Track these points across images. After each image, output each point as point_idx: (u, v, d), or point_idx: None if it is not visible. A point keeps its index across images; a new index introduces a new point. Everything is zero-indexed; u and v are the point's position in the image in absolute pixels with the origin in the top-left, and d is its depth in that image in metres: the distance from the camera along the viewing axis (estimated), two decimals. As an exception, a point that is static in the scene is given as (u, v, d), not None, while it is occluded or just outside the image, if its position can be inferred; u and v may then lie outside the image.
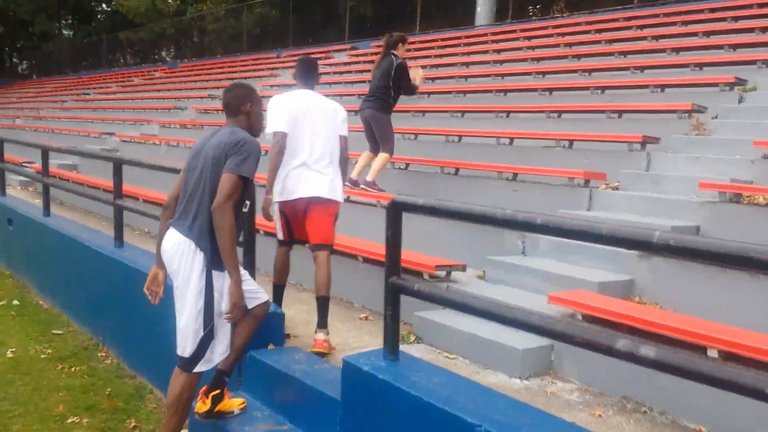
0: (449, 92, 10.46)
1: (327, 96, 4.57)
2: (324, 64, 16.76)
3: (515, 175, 6.36)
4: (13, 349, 5.32)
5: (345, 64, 15.99)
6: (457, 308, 2.88)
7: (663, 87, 7.73)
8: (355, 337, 4.66)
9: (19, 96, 29.19)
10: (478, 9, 18.33)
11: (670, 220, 5.07)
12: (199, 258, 3.22)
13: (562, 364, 3.90)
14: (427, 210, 2.92)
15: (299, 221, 4.35)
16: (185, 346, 3.29)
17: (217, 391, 3.44)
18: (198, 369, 3.33)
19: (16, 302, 6.52)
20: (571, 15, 14.52)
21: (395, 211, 2.95)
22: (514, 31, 14.05)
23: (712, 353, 3.38)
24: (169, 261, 3.30)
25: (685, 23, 10.42)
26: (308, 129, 4.22)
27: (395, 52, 6.82)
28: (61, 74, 34.60)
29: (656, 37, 10.07)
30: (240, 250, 3.56)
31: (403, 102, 7.81)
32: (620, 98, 7.93)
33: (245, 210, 3.53)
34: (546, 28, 13.37)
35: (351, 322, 5.03)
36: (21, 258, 7.45)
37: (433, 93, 10.70)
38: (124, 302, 5.13)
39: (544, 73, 9.98)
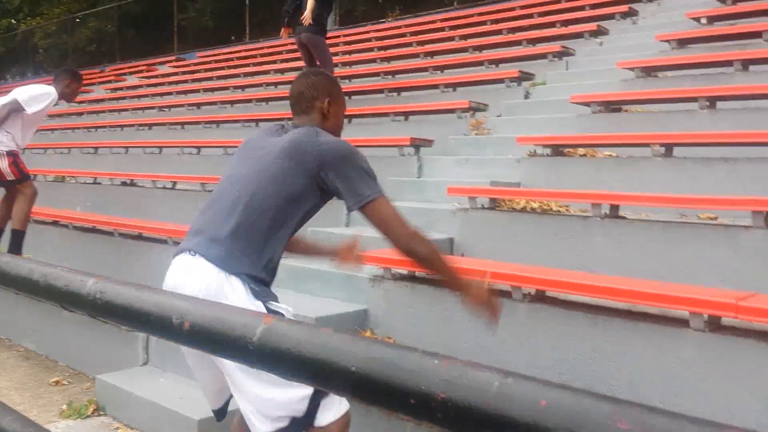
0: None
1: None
2: (144, 76, 15.52)
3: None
4: None
5: (164, 75, 14.73)
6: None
7: (455, 86, 7.20)
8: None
9: None
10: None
11: (428, 232, 4.37)
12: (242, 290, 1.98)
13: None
14: None
15: None
16: (291, 409, 1.97)
17: None
18: (321, 421, 2.00)
19: None
20: (395, 18, 14.07)
21: None
22: (338, 36, 13.39)
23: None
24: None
25: (495, 21, 10.09)
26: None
27: None
28: None
29: (464, 36, 9.66)
30: None
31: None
32: (414, 99, 7.33)
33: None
34: (368, 32, 12.82)
35: (36, 388, 3.95)
36: None
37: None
38: None
39: (350, 77, 9.31)
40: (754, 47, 5.77)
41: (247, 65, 12.85)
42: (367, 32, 12.79)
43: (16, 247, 5.04)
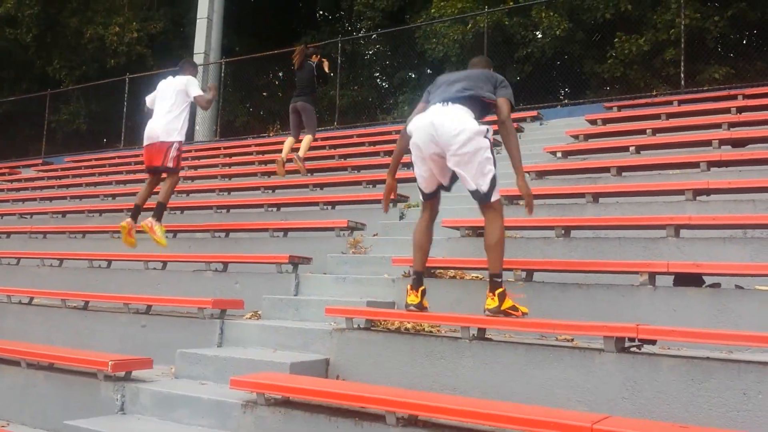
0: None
1: None
2: (5, 180, 14.69)
3: (149, 306, 5.32)
4: None
5: (28, 179, 14.05)
6: None
7: (334, 204, 7.42)
8: None
9: None
10: (197, 127, 18.36)
11: (303, 353, 4.35)
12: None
13: None
14: None
15: None
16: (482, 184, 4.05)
17: (501, 289, 3.87)
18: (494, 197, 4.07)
19: None
20: (276, 133, 14.44)
21: None
22: (218, 148, 13.51)
23: None
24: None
25: (373, 143, 10.62)
26: None
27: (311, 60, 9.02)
28: None
29: (343, 156, 10.07)
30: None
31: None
32: (294, 216, 7.45)
33: None
34: (249, 145, 13.03)
35: None
36: None
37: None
38: None
39: (229, 190, 9.33)
40: (603, 181, 6.44)
41: (120, 173, 12.56)
42: (248, 145, 12.99)
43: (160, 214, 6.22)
